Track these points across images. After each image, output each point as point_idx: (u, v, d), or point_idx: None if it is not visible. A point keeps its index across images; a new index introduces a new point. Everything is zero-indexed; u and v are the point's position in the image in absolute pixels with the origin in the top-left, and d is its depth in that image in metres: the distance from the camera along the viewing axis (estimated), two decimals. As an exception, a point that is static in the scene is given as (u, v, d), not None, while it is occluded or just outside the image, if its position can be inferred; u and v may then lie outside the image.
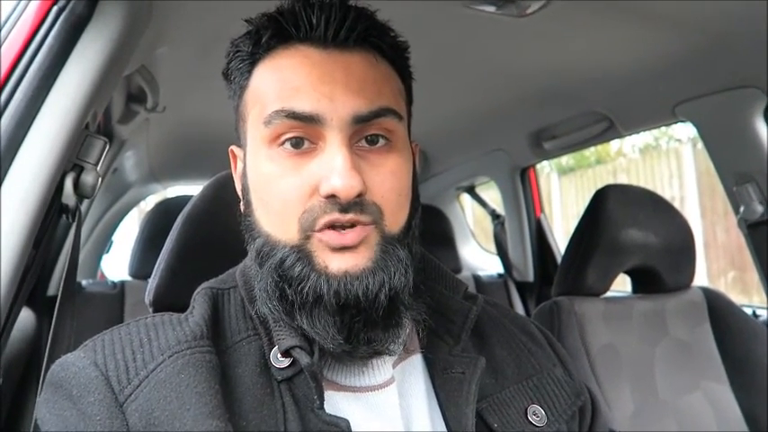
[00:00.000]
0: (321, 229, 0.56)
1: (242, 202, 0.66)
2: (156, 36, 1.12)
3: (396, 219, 0.59)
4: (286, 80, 0.58)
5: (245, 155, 0.64)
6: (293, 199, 0.57)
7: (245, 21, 0.63)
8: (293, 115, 0.56)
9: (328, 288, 0.55)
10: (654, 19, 1.17)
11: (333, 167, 0.55)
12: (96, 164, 0.82)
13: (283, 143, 0.58)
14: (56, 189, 0.76)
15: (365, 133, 0.58)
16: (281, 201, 0.57)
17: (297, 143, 0.57)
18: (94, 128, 0.87)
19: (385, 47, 0.62)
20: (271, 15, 0.61)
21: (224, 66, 0.66)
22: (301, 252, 0.56)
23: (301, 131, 0.57)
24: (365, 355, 0.58)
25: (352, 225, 0.56)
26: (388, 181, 0.58)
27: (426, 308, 0.63)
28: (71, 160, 0.79)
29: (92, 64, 0.78)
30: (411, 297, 0.59)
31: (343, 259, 0.55)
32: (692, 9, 1.11)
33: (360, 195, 0.55)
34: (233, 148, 0.70)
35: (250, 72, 0.62)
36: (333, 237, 0.55)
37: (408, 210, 0.62)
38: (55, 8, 0.76)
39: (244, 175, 0.64)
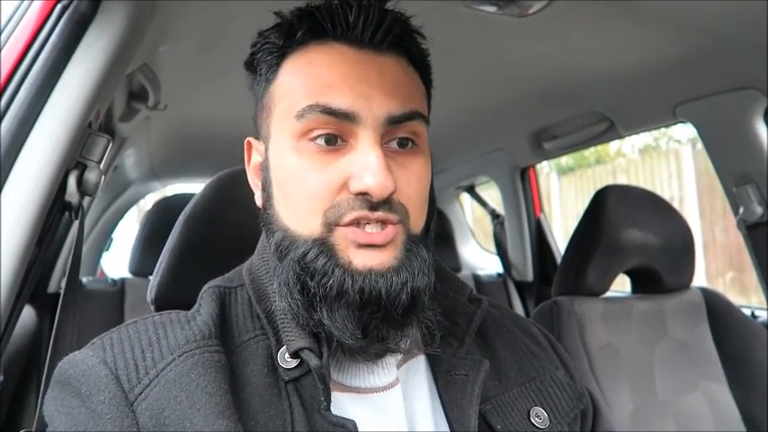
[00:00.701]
0: (347, 225, 0.56)
1: (260, 196, 0.66)
2: (158, 34, 1.12)
3: (418, 220, 0.60)
4: (320, 76, 0.58)
5: (266, 148, 0.64)
6: (320, 194, 0.57)
7: (275, 13, 0.63)
8: (329, 111, 0.56)
9: (353, 283, 0.55)
10: (655, 20, 1.17)
11: (366, 166, 0.55)
12: (99, 162, 0.82)
13: (315, 138, 0.58)
14: (59, 187, 0.77)
15: (395, 135, 0.59)
16: (308, 195, 0.57)
17: (329, 140, 0.57)
18: (97, 126, 0.87)
19: (415, 52, 0.63)
20: (306, 10, 0.61)
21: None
22: (324, 245, 0.56)
23: (334, 128, 0.57)
24: (378, 352, 0.59)
25: (380, 223, 0.56)
26: (414, 182, 0.59)
27: (440, 308, 0.63)
28: (74, 158, 0.80)
29: (95, 62, 0.78)
30: (429, 298, 0.60)
31: (369, 256, 0.56)
32: (692, 10, 1.11)
33: (390, 195, 0.56)
34: (250, 139, 0.69)
35: (279, 65, 0.62)
36: (360, 234, 0.56)
37: (427, 212, 0.63)
38: (58, 6, 0.77)
39: (265, 168, 0.64)
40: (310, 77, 0.59)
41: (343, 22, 0.59)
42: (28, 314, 1.68)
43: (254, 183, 0.68)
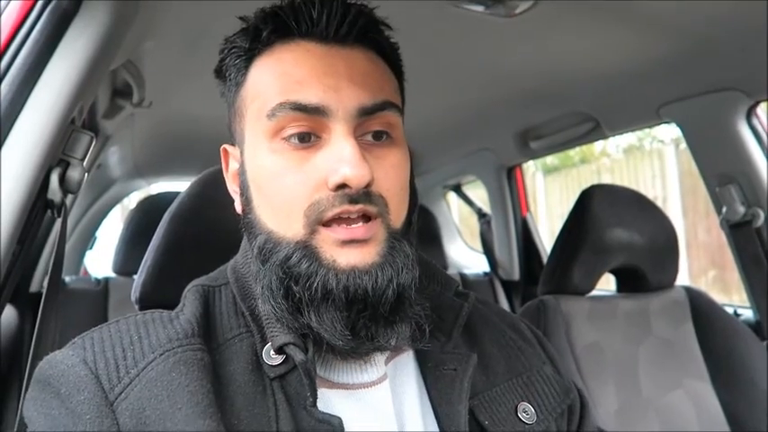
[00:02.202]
0: (329, 223, 0.56)
1: (239, 201, 0.65)
2: (142, 31, 1.11)
3: (398, 213, 0.60)
4: (289, 73, 0.58)
5: (242, 152, 0.64)
6: (299, 194, 0.56)
7: (240, 18, 0.63)
8: (299, 107, 0.56)
9: (337, 283, 0.54)
10: (640, 21, 1.18)
11: (341, 158, 0.55)
12: (82, 159, 0.81)
13: (288, 138, 0.57)
14: (41, 184, 0.75)
15: (368, 127, 0.59)
16: (286, 196, 0.57)
17: (303, 137, 0.57)
18: (80, 122, 0.86)
19: (383, 44, 0.63)
20: (270, 11, 0.60)
21: (216, 63, 0.66)
22: (307, 248, 0.56)
23: (306, 124, 0.57)
24: (368, 351, 0.58)
25: (362, 218, 0.56)
26: (392, 174, 0.59)
27: (428, 302, 0.63)
28: (57, 155, 0.78)
29: (78, 58, 0.77)
30: (415, 293, 0.59)
31: (352, 254, 0.55)
32: (677, 11, 1.12)
33: (368, 186, 0.55)
34: (226, 146, 0.69)
35: (247, 68, 0.62)
36: (342, 230, 0.55)
37: (408, 205, 0.62)
38: (40, 2, 0.75)
39: (242, 172, 0.64)
40: (279, 76, 0.59)
41: (307, 19, 0.58)
42: (9, 314, 1.65)
43: (233, 189, 0.67)
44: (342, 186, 0.55)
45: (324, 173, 0.55)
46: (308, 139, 0.57)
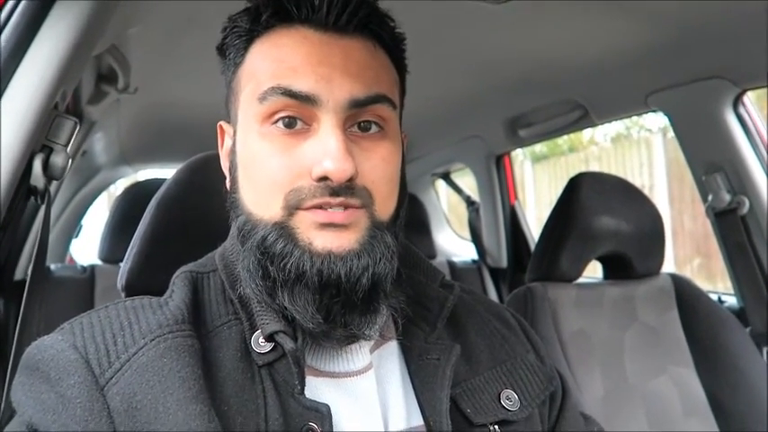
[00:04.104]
0: (309, 208, 0.56)
1: (228, 180, 0.65)
2: (127, 16, 1.09)
3: (385, 206, 0.60)
4: (284, 59, 0.58)
5: (234, 131, 0.64)
6: (281, 178, 0.56)
7: None
8: (289, 93, 0.56)
9: (311, 265, 0.54)
10: (627, 9, 1.18)
11: (326, 150, 0.55)
12: (66, 145, 0.80)
13: (276, 122, 0.57)
14: (24, 170, 0.74)
15: (359, 118, 0.58)
16: (269, 179, 0.57)
17: (290, 123, 0.57)
18: (64, 108, 0.85)
19: (384, 36, 0.62)
20: None
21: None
22: (284, 229, 0.56)
23: (296, 111, 0.57)
24: (341, 338, 0.59)
25: (342, 208, 0.56)
26: (380, 167, 0.59)
27: (404, 296, 0.63)
28: (40, 141, 0.77)
29: (60, 42, 0.75)
30: (392, 285, 0.60)
31: (329, 238, 0.55)
32: (664, 0, 1.12)
33: (351, 180, 0.55)
34: (222, 123, 0.69)
35: (246, 49, 0.62)
36: (321, 213, 0.55)
37: (397, 198, 0.62)
38: (22, -17, 0.74)
39: (233, 152, 0.64)
40: (274, 61, 0.58)
41: (308, 5, 0.58)
42: (-7, 302, 1.64)
43: (226, 167, 0.68)
44: (324, 178, 0.55)
45: (308, 162, 0.56)
46: (294, 125, 0.57)
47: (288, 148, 0.57)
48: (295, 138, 0.57)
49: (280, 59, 0.58)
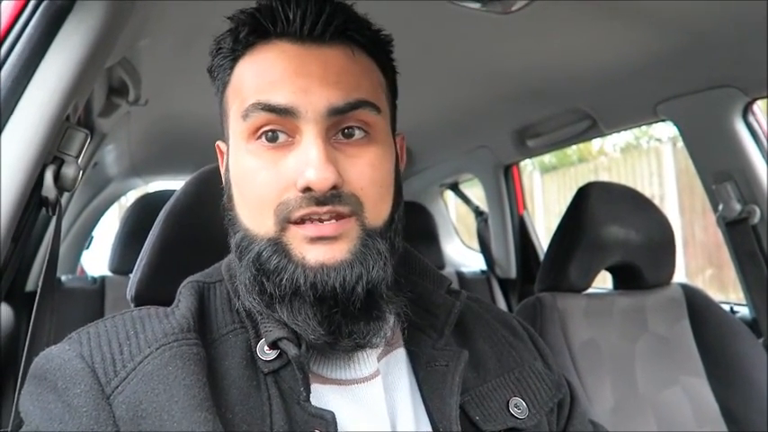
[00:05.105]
0: (298, 221, 0.56)
1: (225, 197, 0.66)
2: (138, 28, 1.10)
3: (377, 211, 0.59)
4: (263, 74, 0.59)
5: (228, 150, 0.65)
6: (269, 192, 0.57)
7: (228, 18, 0.63)
8: (269, 108, 0.57)
9: (305, 279, 0.55)
10: (636, 17, 1.18)
11: (307, 160, 0.55)
12: (77, 156, 0.81)
13: (260, 137, 0.58)
14: (36, 182, 0.75)
15: (342, 125, 0.59)
16: (258, 194, 0.58)
17: (273, 137, 0.58)
18: (75, 120, 0.86)
19: (364, 40, 0.62)
20: (248, 12, 0.61)
21: (208, 61, 0.66)
22: (278, 245, 0.57)
23: (277, 125, 0.57)
24: (347, 348, 0.59)
25: (332, 218, 0.56)
26: (367, 173, 0.58)
27: (410, 302, 0.63)
28: (51, 152, 0.78)
29: (73, 55, 0.76)
30: (391, 290, 0.60)
31: (321, 251, 0.56)
32: (673, 9, 1.12)
33: (336, 188, 0.55)
34: (219, 143, 0.70)
35: (231, 68, 0.62)
36: (310, 228, 0.56)
37: (391, 202, 0.62)
38: (35, -2, 0.75)
39: (226, 170, 0.65)
40: (255, 77, 0.59)
41: (282, 19, 0.59)
42: (5, 313, 1.65)
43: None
44: (308, 189, 0.55)
45: (293, 174, 0.56)
46: (277, 139, 0.58)
47: (273, 162, 0.57)
48: (280, 151, 0.58)
49: (260, 75, 0.59)
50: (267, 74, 0.58)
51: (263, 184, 0.57)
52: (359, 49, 0.62)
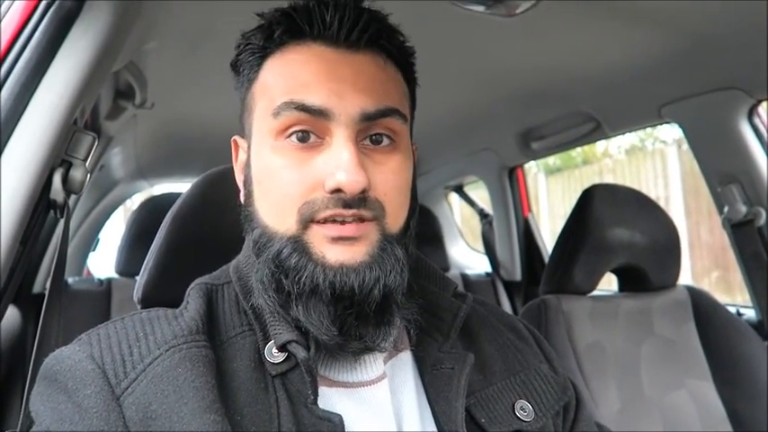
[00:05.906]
0: (321, 221, 0.57)
1: (242, 193, 0.66)
2: (144, 32, 1.11)
3: (396, 218, 0.60)
4: (296, 75, 0.59)
5: (249, 146, 0.65)
6: (295, 191, 0.57)
7: (258, 15, 0.64)
8: (303, 108, 0.57)
9: (324, 278, 0.55)
10: (640, 20, 1.18)
11: (339, 163, 0.55)
12: (85, 159, 0.82)
13: (290, 136, 0.58)
14: (44, 184, 0.76)
15: (370, 132, 0.59)
16: (283, 192, 0.58)
17: (303, 137, 0.58)
18: (83, 123, 0.86)
19: (393, 50, 0.63)
20: (284, 11, 0.61)
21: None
22: (298, 243, 0.57)
23: (309, 125, 0.58)
24: (356, 350, 0.59)
25: (354, 220, 0.56)
26: (391, 179, 0.59)
27: (417, 306, 0.64)
28: (59, 156, 0.79)
29: (80, 59, 0.77)
30: (404, 297, 0.60)
31: (341, 251, 0.56)
32: (678, 11, 1.12)
33: (364, 192, 0.56)
34: (236, 138, 0.70)
35: (260, 65, 0.63)
36: (332, 228, 0.56)
37: (408, 210, 0.63)
38: (43, 3, 0.76)
39: (247, 165, 0.65)
40: (287, 76, 0.60)
41: (319, 22, 0.59)
42: (12, 315, 1.66)
43: (240, 180, 0.69)
44: (337, 191, 0.55)
45: (321, 175, 0.56)
46: (308, 139, 0.58)
47: (301, 162, 0.58)
48: (308, 151, 0.58)
49: (292, 75, 0.59)
50: (300, 75, 0.59)
51: (290, 182, 0.58)
52: (388, 57, 0.63)
